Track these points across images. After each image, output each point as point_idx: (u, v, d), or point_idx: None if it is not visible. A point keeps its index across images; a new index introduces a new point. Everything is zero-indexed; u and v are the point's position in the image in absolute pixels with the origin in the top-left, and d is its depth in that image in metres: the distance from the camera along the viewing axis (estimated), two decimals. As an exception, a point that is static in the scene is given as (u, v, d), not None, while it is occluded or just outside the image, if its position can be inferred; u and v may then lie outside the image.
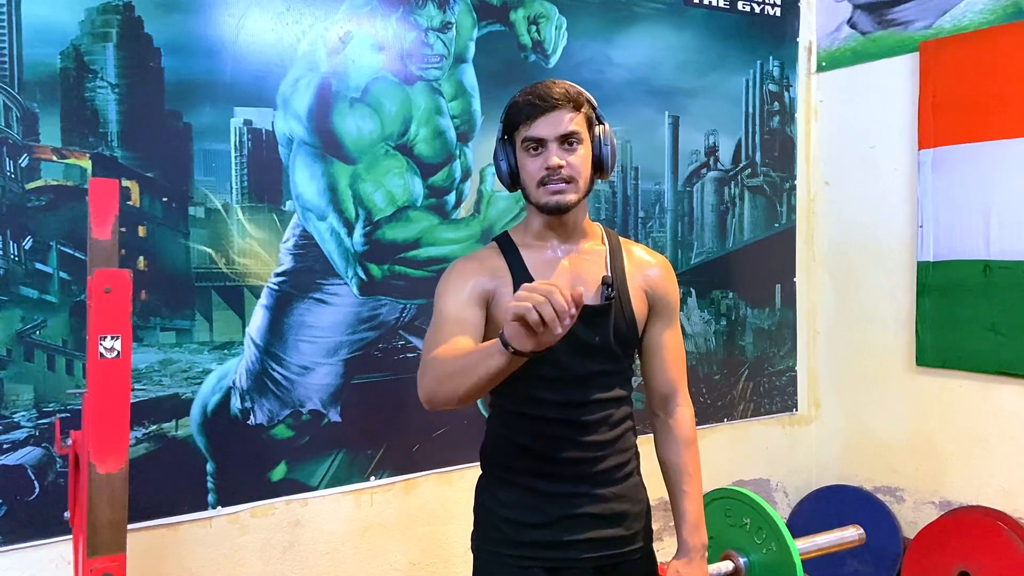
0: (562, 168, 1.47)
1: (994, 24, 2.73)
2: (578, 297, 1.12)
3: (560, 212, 1.51)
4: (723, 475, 3.10)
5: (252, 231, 2.24)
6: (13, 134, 1.95)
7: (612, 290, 1.53)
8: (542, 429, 1.54)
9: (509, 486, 1.57)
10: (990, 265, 2.74)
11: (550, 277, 1.53)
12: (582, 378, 1.54)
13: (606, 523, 1.56)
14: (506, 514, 1.56)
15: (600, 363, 1.55)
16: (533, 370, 1.49)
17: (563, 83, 1.51)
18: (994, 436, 2.79)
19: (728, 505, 1.89)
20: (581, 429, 1.54)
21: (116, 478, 1.46)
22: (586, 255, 1.57)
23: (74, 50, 2.00)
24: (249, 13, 2.21)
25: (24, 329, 1.97)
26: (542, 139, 1.48)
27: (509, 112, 1.53)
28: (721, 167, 3.10)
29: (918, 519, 2.98)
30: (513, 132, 1.53)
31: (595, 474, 1.55)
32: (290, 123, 2.27)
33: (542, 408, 1.53)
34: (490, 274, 1.53)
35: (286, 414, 2.30)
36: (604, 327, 1.54)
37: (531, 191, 1.52)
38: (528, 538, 1.54)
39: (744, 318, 3.17)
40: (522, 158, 1.52)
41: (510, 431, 1.58)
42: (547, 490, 1.54)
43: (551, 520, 1.54)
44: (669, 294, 1.63)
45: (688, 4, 2.98)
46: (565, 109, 1.48)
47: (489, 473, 1.63)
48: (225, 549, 2.23)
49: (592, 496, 1.55)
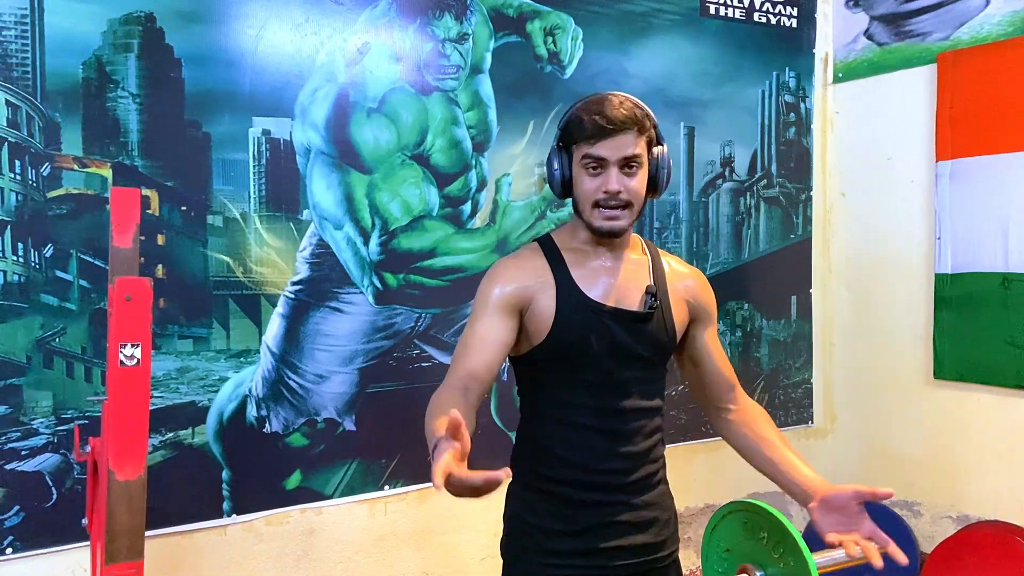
0: (620, 193, 1.47)
1: (1012, 36, 2.72)
2: (443, 483, 1.13)
3: (613, 237, 1.52)
4: (739, 487, 3.08)
5: (269, 240, 2.25)
6: (35, 143, 1.97)
7: (655, 299, 1.54)
8: (579, 438, 1.53)
9: (542, 494, 1.56)
10: (1008, 278, 2.71)
11: (595, 286, 1.53)
12: (621, 384, 1.54)
13: (637, 530, 1.56)
14: (539, 522, 1.56)
15: (639, 370, 1.55)
16: (573, 374, 1.52)
17: (628, 102, 1.48)
18: (1013, 450, 2.76)
19: (745, 518, 1.87)
20: (617, 439, 1.54)
21: (134, 485, 1.47)
22: (630, 264, 1.57)
23: (96, 60, 2.03)
24: (268, 24, 2.23)
25: (44, 336, 1.99)
26: (604, 159, 1.46)
27: (570, 125, 1.50)
28: (737, 178, 3.09)
29: (935, 533, 2.95)
30: (572, 144, 1.50)
31: (629, 484, 1.55)
32: (308, 133, 2.29)
33: (580, 414, 1.53)
34: (532, 276, 1.52)
35: (301, 422, 2.30)
36: (645, 334, 1.54)
37: (585, 209, 1.50)
38: (561, 546, 1.54)
39: (759, 330, 3.16)
40: (579, 173, 1.50)
41: (543, 438, 1.57)
42: (581, 498, 1.54)
43: (584, 528, 1.54)
44: (709, 303, 1.65)
45: (704, 15, 2.98)
46: (630, 133, 1.46)
47: (521, 480, 1.60)
48: (240, 557, 2.23)
49: (625, 504, 1.55)
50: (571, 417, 1.53)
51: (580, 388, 1.53)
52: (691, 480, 2.97)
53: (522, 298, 1.51)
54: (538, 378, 1.57)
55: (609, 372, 1.52)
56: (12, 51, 1.94)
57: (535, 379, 1.58)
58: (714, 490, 3.03)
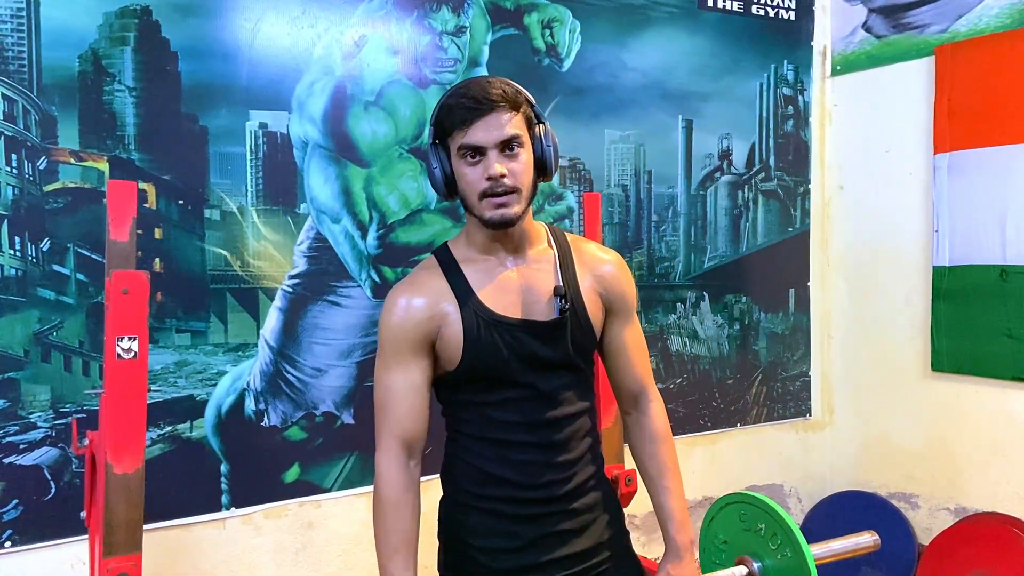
0: (504, 177, 1.36)
1: (1010, 28, 2.71)
2: None
3: (506, 226, 1.41)
4: (736, 480, 3.09)
5: (267, 233, 2.25)
6: (32, 137, 1.97)
7: (566, 301, 1.45)
8: (509, 454, 1.45)
9: (477, 512, 1.48)
10: (1007, 270, 2.71)
11: (501, 298, 1.44)
12: (547, 395, 1.46)
13: (580, 535, 1.50)
14: (478, 542, 1.48)
15: (562, 377, 1.48)
16: (493, 392, 1.44)
17: (498, 80, 1.40)
18: (1010, 442, 2.77)
19: (742, 510, 1.87)
20: (552, 449, 1.46)
21: (133, 478, 1.47)
22: (535, 264, 1.48)
23: (92, 54, 2.02)
24: (265, 17, 2.23)
25: (41, 330, 1.99)
26: (480, 146, 1.37)
27: (440, 114, 1.40)
28: (735, 171, 3.09)
29: (933, 525, 2.95)
30: (446, 137, 1.41)
31: (568, 492, 1.48)
32: (305, 126, 2.28)
33: (508, 431, 1.45)
34: (432, 305, 1.43)
35: (300, 416, 2.30)
36: (562, 340, 1.46)
37: (472, 203, 1.41)
38: (504, 564, 1.47)
39: (757, 323, 3.16)
40: (459, 167, 1.40)
41: (474, 457, 1.48)
42: (519, 513, 1.47)
43: (526, 543, 1.46)
44: (624, 291, 1.55)
45: (702, 8, 2.98)
46: (503, 111, 1.37)
47: (453, 499, 1.52)
48: (238, 550, 2.24)
49: (565, 512, 1.48)
50: (500, 435, 1.46)
51: (506, 405, 1.45)
52: (689, 473, 2.97)
53: (427, 332, 1.42)
54: (461, 399, 1.49)
55: (533, 385, 1.45)
56: (8, 44, 1.93)
57: (458, 400, 1.50)
58: (712, 483, 3.04)
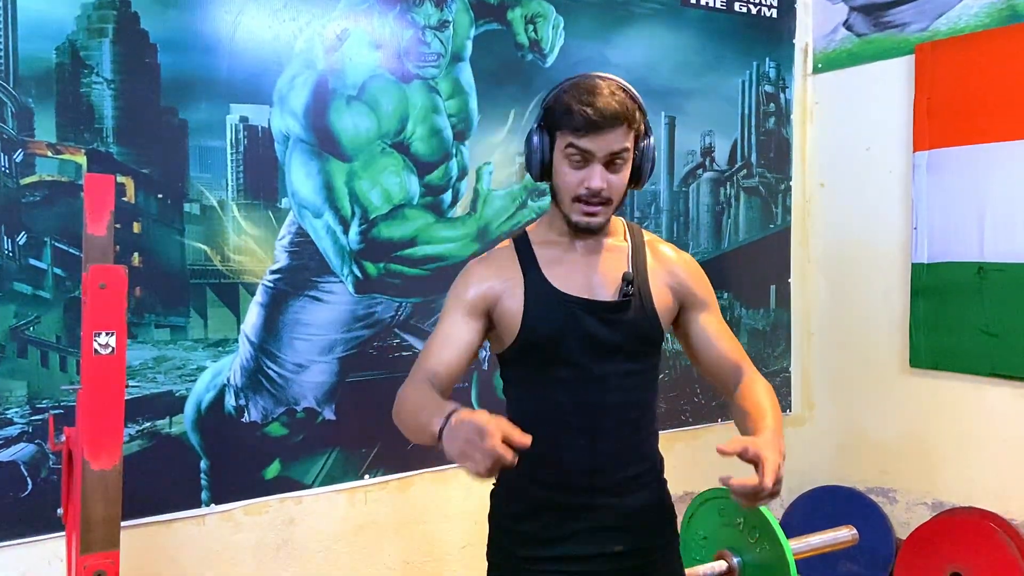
0: (603, 191, 1.41)
1: (989, 27, 2.74)
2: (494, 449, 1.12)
3: (590, 233, 1.47)
4: (716, 475, 3.09)
5: (248, 228, 2.24)
6: (8, 129, 1.94)
7: (631, 287, 1.47)
8: (558, 437, 1.46)
9: (524, 498, 1.50)
10: (984, 267, 2.74)
11: (568, 278, 1.47)
12: (601, 379, 1.46)
13: (627, 534, 1.50)
14: (522, 528, 1.50)
15: (619, 363, 1.47)
16: (548, 372, 1.46)
17: (620, 93, 1.40)
18: (987, 437, 2.80)
19: (721, 505, 1.89)
20: (600, 436, 1.47)
21: (110, 475, 1.46)
22: (608, 252, 1.51)
23: (70, 45, 2.00)
24: (246, 10, 2.21)
25: (18, 325, 1.96)
26: (590, 152, 1.39)
27: (557, 107, 1.41)
28: (717, 168, 3.10)
29: (911, 520, 2.99)
30: (555, 129, 1.42)
31: (615, 484, 1.48)
32: (286, 120, 2.27)
33: (558, 412, 1.47)
34: (500, 276, 1.48)
35: (280, 412, 2.29)
36: (623, 324, 1.47)
37: (563, 200, 1.45)
38: (547, 553, 1.48)
39: (739, 319, 3.17)
40: (560, 162, 1.43)
41: None
42: (565, 502, 1.48)
43: (569, 534, 1.48)
44: (697, 286, 1.55)
45: (685, 5, 2.98)
46: (620, 128, 1.38)
47: (503, 482, 1.55)
48: (218, 547, 2.22)
49: (612, 507, 1.48)
50: (550, 415, 1.47)
51: (558, 385, 1.47)
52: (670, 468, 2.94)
53: (488, 299, 1.47)
54: (517, 375, 1.53)
55: (586, 367, 1.46)
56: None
57: (515, 376, 1.54)
58: (692, 478, 3.05)
